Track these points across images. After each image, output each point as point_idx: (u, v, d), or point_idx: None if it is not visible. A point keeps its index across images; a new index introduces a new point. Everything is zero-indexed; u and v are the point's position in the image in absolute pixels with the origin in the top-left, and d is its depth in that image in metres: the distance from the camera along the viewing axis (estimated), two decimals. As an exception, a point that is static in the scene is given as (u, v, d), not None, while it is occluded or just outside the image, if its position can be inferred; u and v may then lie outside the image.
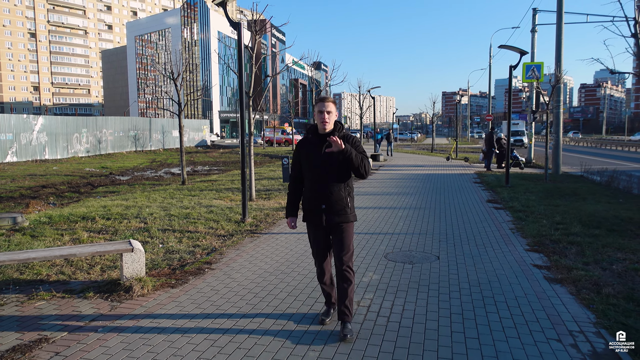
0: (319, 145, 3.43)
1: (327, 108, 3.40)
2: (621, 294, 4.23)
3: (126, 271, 4.38)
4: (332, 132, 3.44)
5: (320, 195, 3.40)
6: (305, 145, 3.52)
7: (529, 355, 3.13)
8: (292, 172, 3.65)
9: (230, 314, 3.87)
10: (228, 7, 7.73)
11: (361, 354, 3.16)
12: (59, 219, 7.73)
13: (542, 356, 3.12)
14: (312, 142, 3.48)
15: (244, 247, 6.12)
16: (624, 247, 5.93)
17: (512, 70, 12.77)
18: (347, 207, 3.44)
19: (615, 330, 3.48)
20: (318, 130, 3.48)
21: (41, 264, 5.19)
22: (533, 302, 4.12)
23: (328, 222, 3.41)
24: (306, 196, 3.54)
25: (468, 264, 5.34)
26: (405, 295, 4.30)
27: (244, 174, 7.74)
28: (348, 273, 3.44)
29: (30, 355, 3.16)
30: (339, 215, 3.41)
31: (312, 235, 3.59)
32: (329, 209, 3.40)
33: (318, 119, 3.44)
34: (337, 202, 3.39)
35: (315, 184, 3.42)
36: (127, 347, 3.28)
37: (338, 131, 3.47)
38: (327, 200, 3.39)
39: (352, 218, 3.48)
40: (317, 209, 3.42)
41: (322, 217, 3.41)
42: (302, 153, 3.51)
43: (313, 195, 3.45)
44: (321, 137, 3.44)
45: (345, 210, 3.43)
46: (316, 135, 3.49)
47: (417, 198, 10.68)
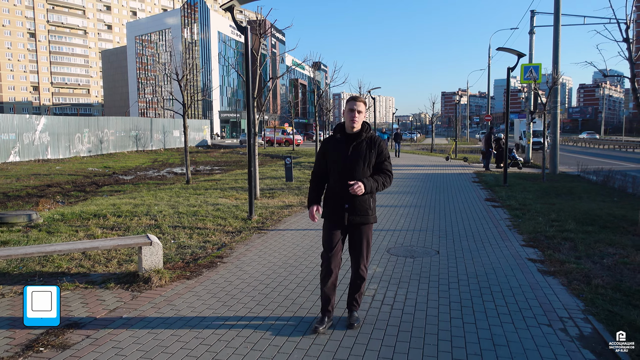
0: (345, 144, 3.45)
1: (357, 107, 3.41)
2: (609, 284, 4.51)
3: (145, 263, 4.66)
4: (360, 132, 3.47)
5: (344, 195, 3.39)
6: (332, 143, 3.53)
7: (522, 338, 3.41)
8: (315, 168, 3.64)
9: (245, 303, 4.15)
10: (232, 11, 8.00)
11: (367, 337, 3.44)
12: (71, 217, 7.99)
13: (534, 339, 3.40)
14: (340, 140, 3.49)
15: (252, 243, 6.40)
16: (615, 242, 6.21)
17: (509, 73, 13.06)
18: (370, 209, 3.46)
19: (601, 316, 3.77)
20: (345, 129, 3.51)
21: (61, 258, 5.46)
22: (527, 292, 4.41)
23: (350, 222, 3.43)
24: (329, 194, 3.54)
25: (466, 258, 5.63)
26: (407, 286, 4.58)
27: (251, 172, 8.02)
28: (363, 272, 3.56)
29: (63, 338, 3.43)
30: (361, 215, 3.43)
31: (328, 233, 3.53)
32: (352, 209, 3.41)
33: (347, 117, 3.45)
34: (361, 203, 3.41)
35: (340, 183, 3.41)
36: (151, 332, 3.56)
37: (365, 131, 3.50)
38: (350, 200, 3.40)
39: (373, 220, 3.51)
40: (340, 208, 3.42)
41: (345, 216, 3.42)
42: (329, 151, 3.52)
43: (337, 194, 3.44)
44: (348, 137, 3.48)
45: (368, 212, 3.45)
46: (344, 134, 3.52)
47: (417, 197, 10.97)
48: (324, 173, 3.59)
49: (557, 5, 16.76)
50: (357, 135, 3.47)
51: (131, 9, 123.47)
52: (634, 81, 7.02)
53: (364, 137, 3.48)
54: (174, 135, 41.18)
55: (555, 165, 17.16)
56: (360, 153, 3.41)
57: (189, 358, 3.14)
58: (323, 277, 3.55)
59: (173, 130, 41.05)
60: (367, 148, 3.45)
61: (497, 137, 19.55)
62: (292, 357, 3.14)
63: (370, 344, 3.33)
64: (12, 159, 24.44)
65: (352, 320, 3.58)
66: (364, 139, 3.48)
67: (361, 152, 3.42)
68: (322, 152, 3.59)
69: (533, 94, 20.25)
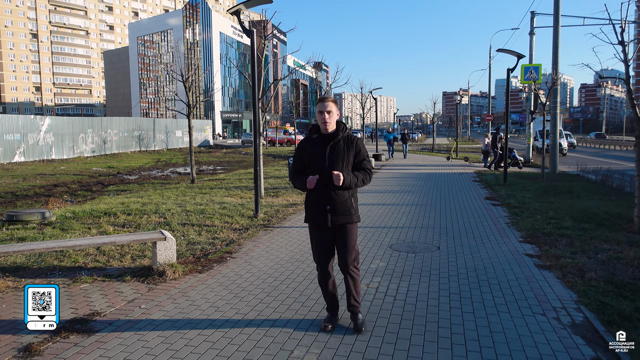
0: (322, 146, 3.42)
1: (327, 108, 3.38)
2: (602, 278, 4.73)
3: (159, 257, 4.89)
4: (336, 132, 3.45)
5: (324, 196, 3.38)
6: (309, 144, 3.50)
7: (517, 325, 3.64)
8: (294, 168, 3.60)
9: (256, 294, 4.38)
10: (238, 15, 8.23)
11: (372, 324, 3.67)
12: (82, 215, 8.23)
13: (528, 326, 3.63)
14: (316, 142, 3.47)
15: (259, 239, 6.63)
16: (610, 239, 6.43)
17: (509, 74, 13.27)
18: (352, 208, 3.45)
19: (593, 306, 3.99)
20: (321, 130, 3.49)
21: (77, 253, 5.69)
22: (523, 284, 4.63)
23: (333, 222, 3.40)
24: (310, 197, 3.50)
25: (466, 253, 5.86)
26: (409, 279, 4.81)
27: (257, 171, 8.25)
28: (354, 272, 3.51)
29: (87, 325, 3.66)
30: (343, 216, 3.41)
31: (316, 237, 3.53)
32: (334, 210, 3.39)
33: (319, 120, 3.43)
34: (342, 203, 3.39)
35: (319, 184, 3.38)
36: (169, 320, 3.79)
37: (342, 131, 3.47)
38: (331, 201, 3.38)
39: (356, 219, 3.49)
40: (322, 210, 3.41)
41: (327, 218, 3.40)
42: (306, 153, 3.49)
43: (317, 196, 3.42)
44: (325, 137, 3.45)
45: (350, 211, 3.44)
46: (320, 134, 3.49)
47: (419, 195, 11.19)
48: (303, 172, 3.53)
49: (556, 7, 16.97)
50: (334, 135, 3.44)
51: (133, 9, 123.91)
52: (628, 82, 7.23)
53: (340, 136, 3.45)
54: (176, 135, 41.45)
55: (554, 164, 17.36)
56: (338, 153, 3.39)
57: (206, 343, 3.37)
58: (321, 280, 3.59)
59: (175, 131, 41.32)
60: (344, 148, 3.42)
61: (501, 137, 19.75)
62: (307, 344, 3.37)
63: (375, 330, 3.56)
64: (17, 159, 24.71)
65: (358, 323, 3.55)
66: (340, 138, 3.45)
67: (339, 152, 3.39)
68: (299, 154, 3.55)
69: (533, 94, 20.46)
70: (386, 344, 3.34)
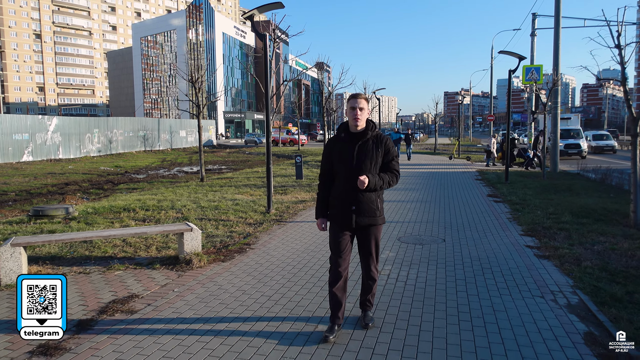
0: (351, 144, 3.34)
1: (359, 104, 3.30)
2: (597, 266, 5.10)
3: (186, 247, 5.28)
4: (365, 131, 3.35)
5: (350, 197, 3.30)
6: (337, 143, 3.41)
7: (517, 305, 4.01)
8: (322, 169, 3.51)
9: (277, 280, 4.76)
10: (252, 19, 8.61)
11: (386, 305, 4.05)
12: (103, 210, 8.63)
13: (528, 306, 4.00)
14: (344, 140, 3.37)
15: (274, 233, 7.01)
16: (606, 232, 6.80)
17: (510, 75, 13.63)
18: (378, 210, 3.36)
19: (587, 290, 4.36)
20: (349, 128, 3.39)
21: (106, 244, 6.08)
22: (523, 271, 5.01)
23: (358, 223, 3.33)
24: (335, 196, 3.40)
25: (470, 245, 6.23)
26: (417, 267, 5.18)
27: (269, 169, 8.64)
28: (374, 273, 3.53)
29: (128, 305, 4.05)
30: (369, 217, 3.33)
31: (336, 236, 3.42)
32: (359, 211, 3.31)
33: (350, 116, 3.33)
34: (368, 204, 3.31)
35: (346, 184, 3.31)
36: (201, 301, 4.17)
37: (371, 130, 3.37)
38: (357, 202, 3.30)
39: (381, 221, 3.42)
40: (347, 210, 3.33)
41: (352, 218, 3.32)
42: (334, 152, 3.40)
43: (343, 196, 3.34)
44: (353, 136, 3.36)
45: (375, 213, 3.35)
46: (348, 133, 3.39)
47: (423, 193, 11.57)
48: (330, 173, 3.47)
49: (557, 9, 17.31)
50: (363, 134, 3.35)
51: (135, 9, 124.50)
52: (625, 84, 7.60)
53: (369, 135, 3.35)
54: (180, 135, 41.89)
55: (555, 163, 17.71)
56: (366, 153, 3.30)
57: (237, 322, 3.74)
58: (332, 281, 3.42)
59: (180, 131, 41.76)
60: (373, 147, 3.33)
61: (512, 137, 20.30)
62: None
63: (389, 310, 3.94)
64: (25, 159, 25.13)
65: (367, 320, 3.58)
66: (369, 137, 3.35)
67: (368, 152, 3.30)
68: (327, 153, 3.48)
69: (534, 95, 20.82)
70: (400, 320, 3.71)
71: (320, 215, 3.52)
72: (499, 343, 3.31)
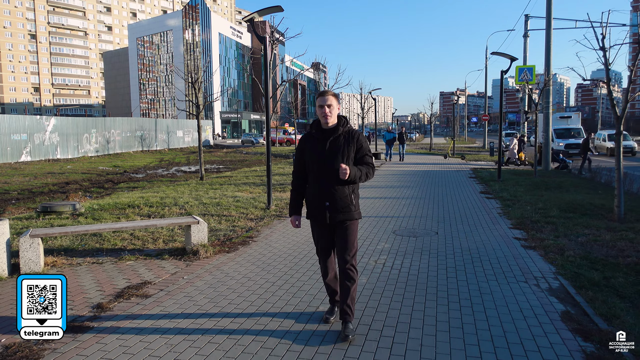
0: (322, 141, 3.36)
1: (327, 102, 3.32)
2: (579, 255, 5.45)
3: (193, 239, 5.59)
4: (337, 127, 3.38)
5: (324, 193, 3.33)
6: (308, 141, 3.45)
7: (503, 290, 4.36)
8: (295, 168, 3.55)
9: (280, 268, 5.08)
10: (252, 22, 8.92)
11: (382, 289, 4.37)
12: (108, 207, 8.91)
13: (512, 290, 4.34)
14: (316, 137, 3.41)
15: (274, 227, 7.33)
16: (591, 225, 7.16)
17: (502, 75, 14.01)
18: (352, 205, 3.36)
19: (568, 276, 4.70)
20: (321, 125, 3.43)
21: (115, 237, 6.38)
22: (510, 260, 5.35)
23: (332, 219, 3.35)
24: (309, 193, 3.45)
25: (461, 237, 6.58)
26: (411, 257, 5.52)
27: (269, 167, 8.95)
28: (351, 271, 3.38)
29: (142, 291, 4.35)
30: (343, 212, 3.34)
31: (316, 233, 3.53)
32: (333, 207, 3.32)
33: (319, 114, 3.35)
34: (341, 200, 3.32)
35: (319, 181, 3.35)
36: (210, 287, 4.49)
37: (342, 125, 3.39)
38: (331, 198, 3.31)
39: (357, 215, 3.41)
40: (321, 207, 3.35)
41: (326, 214, 3.34)
42: (306, 149, 3.44)
43: (317, 192, 3.37)
44: (325, 133, 3.38)
45: (350, 208, 3.35)
46: (320, 130, 3.42)
47: (418, 190, 11.91)
48: (304, 170, 3.50)
49: (548, 11, 17.72)
50: (334, 130, 3.37)
51: (131, 10, 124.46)
52: (609, 84, 7.97)
53: (341, 131, 3.37)
54: (177, 135, 42.11)
55: (547, 162, 18.11)
56: (338, 148, 3.32)
57: (245, 303, 4.06)
58: (323, 274, 3.64)
59: (177, 131, 41.98)
60: (344, 143, 3.35)
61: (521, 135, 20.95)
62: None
63: (385, 293, 4.27)
64: (23, 159, 25.28)
65: (347, 332, 3.33)
66: (341, 133, 3.37)
67: (339, 147, 3.32)
68: (299, 151, 3.50)
69: (527, 95, 21.25)
70: (395, 302, 4.04)
71: (294, 213, 3.61)
72: (483, 320, 3.65)
